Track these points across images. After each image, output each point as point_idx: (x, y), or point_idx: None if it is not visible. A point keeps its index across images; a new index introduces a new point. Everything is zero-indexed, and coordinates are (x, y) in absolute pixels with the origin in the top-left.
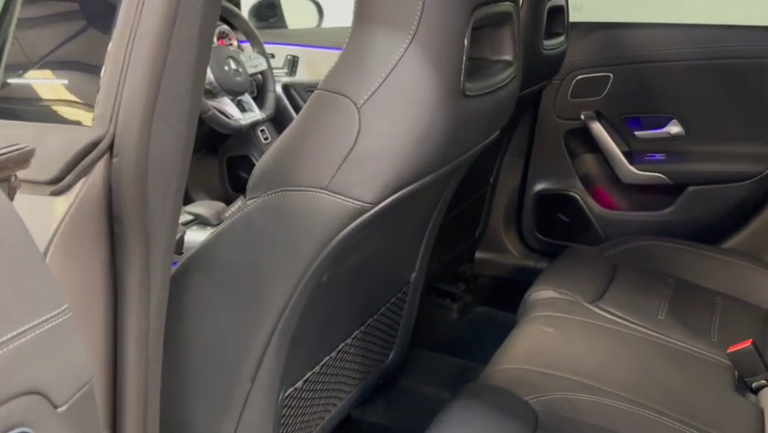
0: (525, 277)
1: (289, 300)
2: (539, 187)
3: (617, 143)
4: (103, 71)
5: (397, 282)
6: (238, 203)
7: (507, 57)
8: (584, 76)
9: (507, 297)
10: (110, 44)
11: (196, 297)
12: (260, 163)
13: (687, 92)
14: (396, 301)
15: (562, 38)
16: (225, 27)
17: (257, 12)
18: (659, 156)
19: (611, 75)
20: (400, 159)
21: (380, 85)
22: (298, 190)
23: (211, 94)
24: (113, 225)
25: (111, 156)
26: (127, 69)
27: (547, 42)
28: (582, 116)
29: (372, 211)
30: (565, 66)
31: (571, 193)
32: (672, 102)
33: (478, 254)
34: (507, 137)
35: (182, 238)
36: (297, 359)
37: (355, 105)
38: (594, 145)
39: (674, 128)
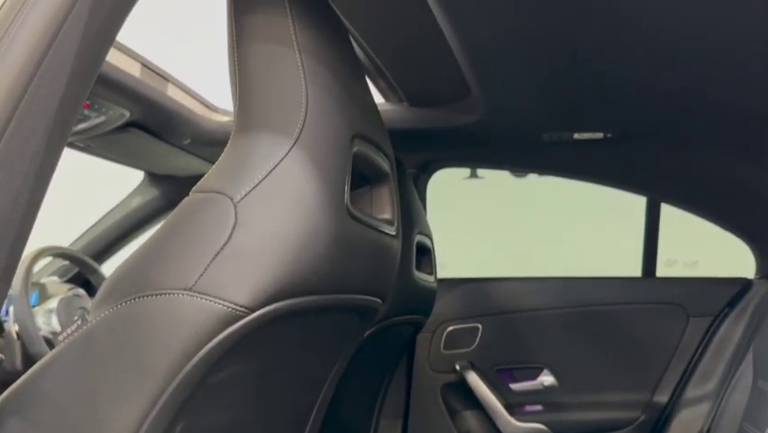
0: None
1: None
2: None
3: (494, 395)
4: None
5: None
6: (78, 323)
7: (387, 216)
8: (454, 327)
9: None
10: None
11: None
12: (113, 273)
13: (554, 342)
14: None
15: (432, 277)
16: (81, 290)
17: None
18: (538, 407)
19: (480, 326)
20: (281, 258)
21: (261, 181)
22: (156, 294)
23: (53, 347)
24: None
25: None
26: None
27: (418, 273)
28: (458, 367)
29: (247, 319)
30: (436, 318)
31: None
32: (542, 352)
33: None
34: (382, 396)
35: None
36: None
37: (232, 200)
38: (473, 400)
39: (547, 378)
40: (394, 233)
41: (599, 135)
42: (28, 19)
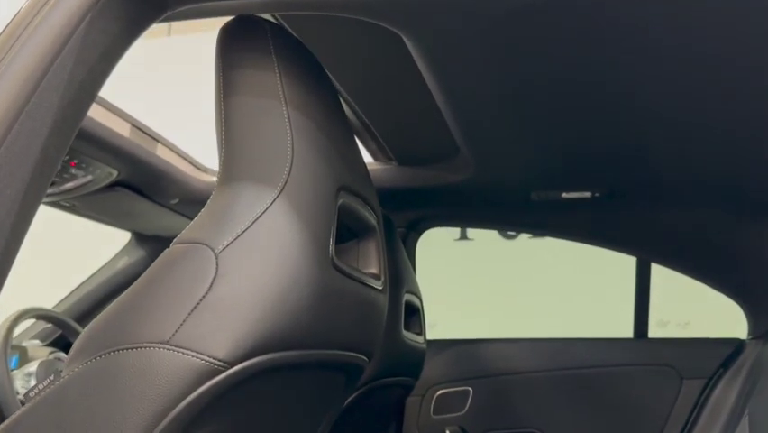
0: None
1: None
2: None
3: None
4: None
5: None
6: (50, 378)
7: (373, 270)
8: (444, 391)
9: None
10: None
11: None
12: (88, 326)
13: (547, 405)
14: None
15: (421, 338)
16: (62, 354)
17: None
18: None
19: (470, 389)
20: (262, 311)
21: (244, 232)
22: (132, 348)
23: None
24: None
25: None
26: None
27: (407, 333)
28: (447, 432)
29: (226, 373)
30: (425, 381)
31: None
32: (535, 416)
33: None
34: None
35: None
36: None
37: (213, 250)
38: None
39: None
40: (380, 287)
41: (587, 195)
42: (10, 67)
